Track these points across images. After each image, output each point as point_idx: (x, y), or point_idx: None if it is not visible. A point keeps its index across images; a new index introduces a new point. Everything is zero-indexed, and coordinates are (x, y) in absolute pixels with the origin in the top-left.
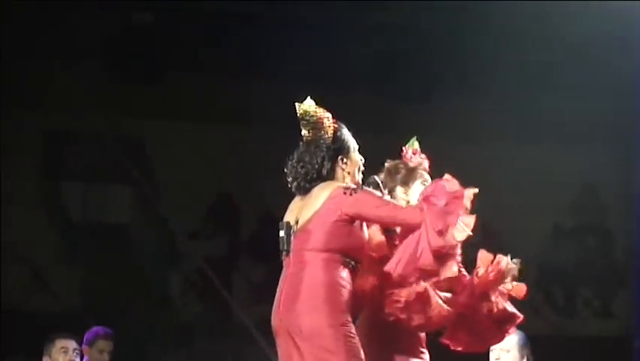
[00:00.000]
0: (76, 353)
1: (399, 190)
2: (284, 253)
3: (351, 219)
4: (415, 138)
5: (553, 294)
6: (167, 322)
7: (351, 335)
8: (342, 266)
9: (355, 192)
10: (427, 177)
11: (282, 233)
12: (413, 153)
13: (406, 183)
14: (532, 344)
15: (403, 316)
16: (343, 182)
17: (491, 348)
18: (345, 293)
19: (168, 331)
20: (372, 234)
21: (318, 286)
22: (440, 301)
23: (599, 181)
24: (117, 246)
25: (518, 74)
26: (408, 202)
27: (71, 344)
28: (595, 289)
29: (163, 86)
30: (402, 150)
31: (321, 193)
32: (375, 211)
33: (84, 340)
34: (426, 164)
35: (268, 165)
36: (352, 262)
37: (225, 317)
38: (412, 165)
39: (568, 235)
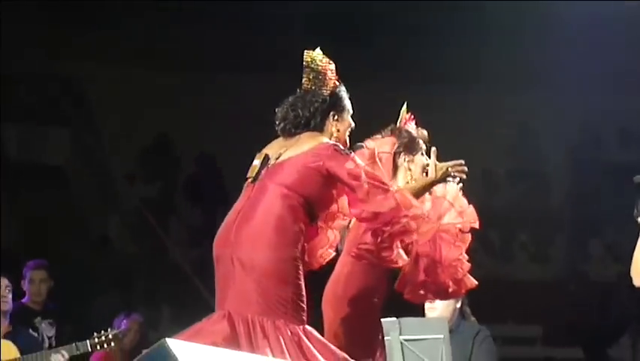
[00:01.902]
0: (9, 290)
1: (402, 157)
2: (249, 179)
3: (328, 176)
4: (405, 104)
5: (489, 238)
6: (105, 263)
7: (298, 272)
8: (302, 210)
9: (347, 155)
10: (424, 148)
11: (256, 162)
12: (409, 120)
13: (410, 151)
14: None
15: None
16: (330, 138)
17: None
18: (298, 234)
19: (106, 272)
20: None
21: (273, 217)
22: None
23: (536, 126)
24: (55, 187)
25: (463, 18)
26: (410, 171)
27: (3, 281)
28: (531, 234)
29: (102, 28)
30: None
31: (311, 141)
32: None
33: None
34: (425, 134)
35: (205, 107)
36: (313, 213)
37: (162, 259)
38: (414, 134)
39: (504, 179)
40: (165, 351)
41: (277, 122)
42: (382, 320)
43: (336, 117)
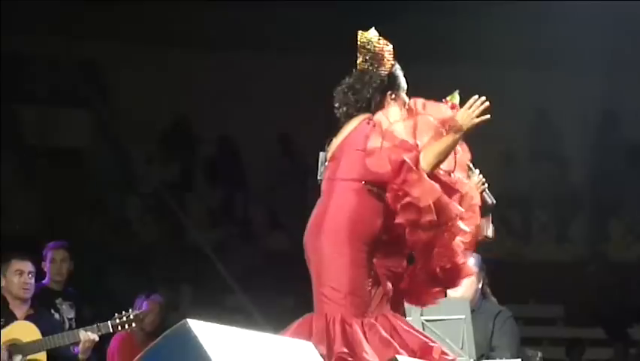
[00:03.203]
0: (31, 276)
1: (388, 97)
2: (319, 182)
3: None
4: (457, 91)
5: (509, 219)
6: (125, 244)
7: (362, 265)
8: (368, 195)
9: (380, 126)
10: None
11: (320, 165)
12: (452, 107)
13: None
14: (488, 267)
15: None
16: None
17: None
18: (369, 222)
19: (126, 253)
20: None
21: (342, 213)
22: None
23: (557, 106)
24: (73, 170)
25: None
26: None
27: (27, 266)
28: (551, 214)
29: (120, 9)
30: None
31: (352, 122)
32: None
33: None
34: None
35: (226, 89)
36: (381, 191)
37: (181, 240)
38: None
39: (524, 160)
40: (187, 332)
41: (337, 106)
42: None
43: (393, 96)
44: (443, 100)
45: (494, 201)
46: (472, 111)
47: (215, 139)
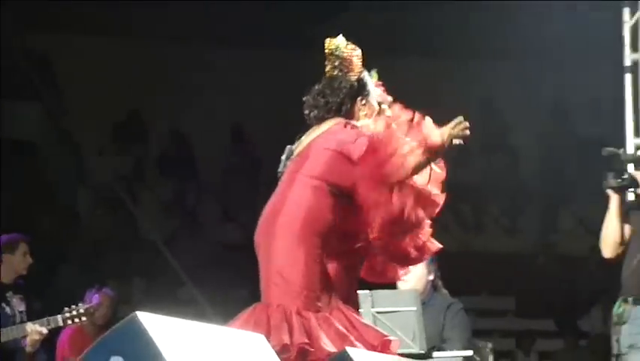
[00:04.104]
0: None
1: (358, 104)
2: (279, 174)
3: (344, 155)
4: (375, 70)
5: (461, 211)
6: (76, 237)
7: (316, 261)
8: (331, 197)
9: (357, 129)
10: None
11: (283, 157)
12: (377, 86)
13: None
14: (439, 260)
15: None
16: (358, 122)
17: None
18: (327, 222)
19: (77, 247)
20: None
21: (301, 209)
22: None
23: (508, 99)
24: (24, 163)
25: None
26: (366, 112)
27: None
28: (502, 206)
29: (72, 2)
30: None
31: (326, 124)
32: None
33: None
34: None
35: (178, 82)
36: (344, 198)
37: (133, 233)
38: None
39: (475, 153)
40: (136, 324)
41: (307, 111)
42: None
43: (363, 102)
44: None
45: None
46: (455, 131)
47: (167, 132)
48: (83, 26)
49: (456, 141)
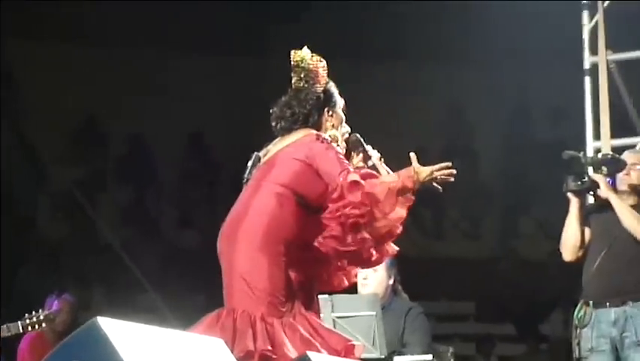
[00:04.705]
0: None
1: (325, 114)
2: (245, 180)
3: (313, 167)
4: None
5: (420, 215)
6: (35, 244)
7: (280, 267)
8: (296, 206)
9: (328, 143)
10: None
11: (249, 163)
12: None
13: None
14: (400, 264)
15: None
16: (325, 133)
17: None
18: (290, 230)
19: (36, 253)
20: None
21: (265, 216)
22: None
23: (468, 103)
24: None
25: None
26: (332, 125)
27: None
28: (462, 210)
29: (30, 7)
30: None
31: (296, 134)
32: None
33: None
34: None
35: (136, 86)
36: (309, 208)
37: (93, 239)
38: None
39: (436, 157)
40: (97, 330)
41: (274, 123)
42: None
43: (330, 113)
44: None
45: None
46: (438, 174)
47: (125, 137)
48: (42, 31)
49: (436, 185)
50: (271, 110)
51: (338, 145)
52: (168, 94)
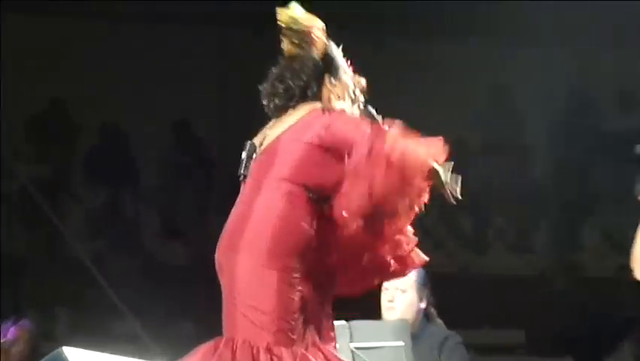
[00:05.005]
0: None
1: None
2: (241, 177)
3: (326, 146)
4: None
5: (459, 225)
6: None
7: (292, 284)
8: (307, 204)
9: (335, 113)
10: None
11: (243, 155)
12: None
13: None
14: (434, 283)
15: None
16: (330, 105)
17: (384, 287)
18: (300, 234)
19: None
20: None
21: (269, 221)
22: None
23: (518, 87)
24: None
25: None
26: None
27: None
28: (509, 219)
29: None
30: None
31: (296, 113)
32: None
33: None
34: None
35: (111, 67)
36: (316, 197)
37: (56, 253)
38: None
39: (477, 152)
40: None
41: (265, 101)
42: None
43: (332, 81)
44: None
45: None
46: (449, 181)
47: (97, 127)
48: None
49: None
50: (260, 87)
51: None
52: (150, 75)
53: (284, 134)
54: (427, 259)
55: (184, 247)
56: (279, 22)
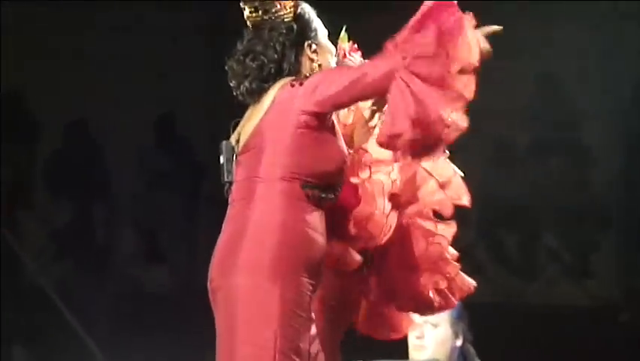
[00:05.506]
0: None
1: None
2: (226, 187)
3: (316, 120)
4: (344, 29)
5: (502, 244)
6: None
7: (299, 304)
8: (308, 203)
9: (307, 78)
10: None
11: (221, 159)
12: (353, 50)
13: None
14: (473, 315)
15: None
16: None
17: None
18: (311, 246)
19: None
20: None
21: (268, 233)
22: None
23: (574, 77)
24: None
25: None
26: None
27: None
28: (564, 236)
29: None
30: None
31: (267, 97)
32: (342, 82)
33: None
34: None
35: (78, 55)
36: (323, 195)
37: (12, 279)
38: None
39: (524, 155)
40: None
41: (234, 83)
42: None
43: (312, 48)
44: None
45: None
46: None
47: (62, 126)
48: None
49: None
50: (226, 68)
51: None
52: (123, 63)
53: (263, 124)
54: (474, 285)
55: (166, 271)
56: None
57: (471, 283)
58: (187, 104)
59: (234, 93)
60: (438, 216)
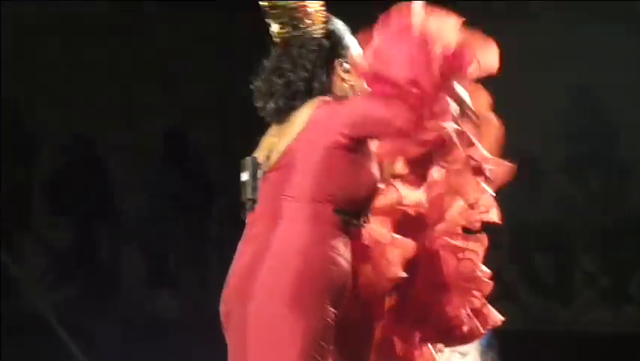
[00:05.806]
0: None
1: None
2: (248, 205)
3: (352, 143)
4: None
5: (535, 267)
6: None
7: (322, 334)
8: (336, 228)
9: (344, 98)
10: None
11: (244, 176)
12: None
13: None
14: (505, 343)
15: None
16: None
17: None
18: (335, 273)
19: None
20: None
21: (293, 256)
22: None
23: (612, 81)
24: None
25: None
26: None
27: None
28: (602, 260)
29: None
30: None
31: (300, 115)
32: (376, 115)
33: None
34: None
35: (84, 63)
36: (354, 221)
37: (11, 304)
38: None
39: (558, 170)
40: None
41: (260, 104)
42: None
43: (343, 66)
44: None
45: None
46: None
47: (65, 140)
48: None
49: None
50: (252, 86)
51: None
52: (132, 73)
53: (295, 143)
54: (502, 319)
55: (175, 296)
56: (261, 3)
57: (498, 317)
58: (200, 118)
59: (260, 114)
60: (467, 232)
